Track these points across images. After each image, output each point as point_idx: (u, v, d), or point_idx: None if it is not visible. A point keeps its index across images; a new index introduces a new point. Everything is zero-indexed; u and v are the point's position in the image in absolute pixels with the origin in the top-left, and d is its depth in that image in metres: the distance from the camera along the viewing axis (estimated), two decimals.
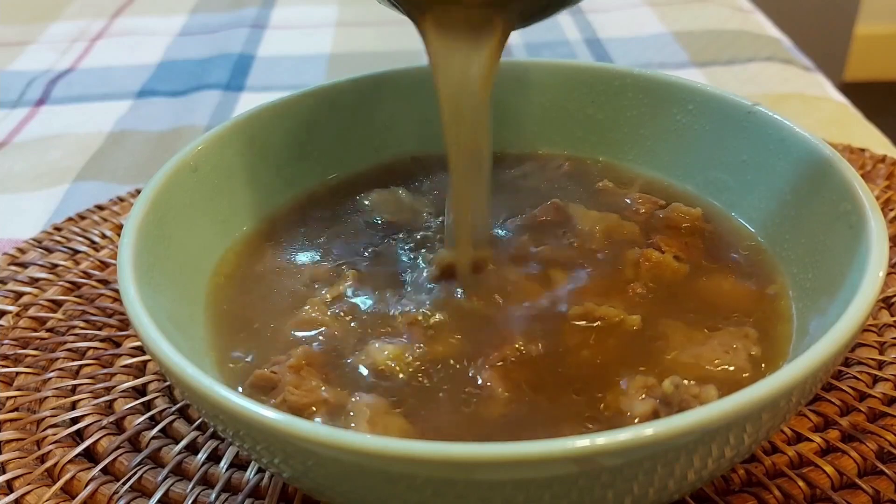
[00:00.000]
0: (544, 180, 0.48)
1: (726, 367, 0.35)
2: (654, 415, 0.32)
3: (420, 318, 0.37)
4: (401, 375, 0.35)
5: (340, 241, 0.43)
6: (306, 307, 0.38)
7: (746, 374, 0.34)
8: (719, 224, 0.43)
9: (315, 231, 0.44)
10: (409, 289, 0.40)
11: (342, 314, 0.38)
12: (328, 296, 0.39)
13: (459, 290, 0.39)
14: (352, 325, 0.38)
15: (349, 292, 0.40)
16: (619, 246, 0.42)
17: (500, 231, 0.44)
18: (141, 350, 0.45)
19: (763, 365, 0.35)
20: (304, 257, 0.42)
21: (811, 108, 0.72)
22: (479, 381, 0.34)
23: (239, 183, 0.45)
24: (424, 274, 0.40)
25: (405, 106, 0.49)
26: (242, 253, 0.43)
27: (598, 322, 0.37)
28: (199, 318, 0.38)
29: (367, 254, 0.42)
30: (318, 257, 0.42)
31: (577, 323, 0.37)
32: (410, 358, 0.36)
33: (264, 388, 0.34)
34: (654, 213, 0.44)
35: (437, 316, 0.38)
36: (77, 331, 0.47)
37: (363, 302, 0.39)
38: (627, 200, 0.46)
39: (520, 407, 0.33)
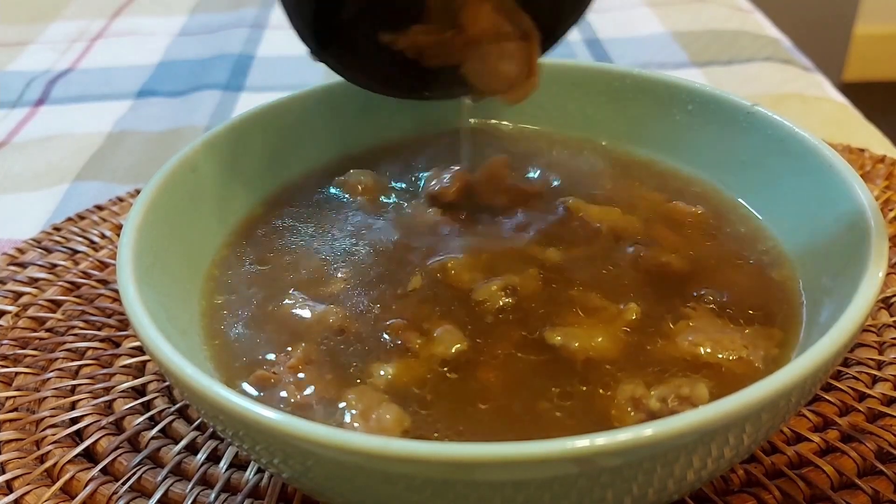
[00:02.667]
0: (544, 178, 0.48)
1: (734, 362, 0.35)
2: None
3: (418, 313, 0.37)
4: (398, 371, 0.35)
5: (340, 239, 0.43)
6: (306, 306, 0.38)
7: (749, 372, 0.34)
8: (719, 223, 0.43)
9: (315, 229, 0.44)
10: (408, 283, 0.40)
11: (342, 313, 0.38)
12: (326, 293, 0.39)
13: (461, 288, 0.39)
14: (351, 323, 0.38)
15: (347, 289, 0.40)
16: (620, 241, 0.42)
17: (501, 229, 0.44)
18: (140, 350, 0.45)
19: (766, 363, 0.35)
20: (304, 256, 0.42)
21: (811, 108, 0.72)
22: (478, 376, 0.34)
23: (238, 183, 0.45)
24: (425, 263, 0.41)
25: (405, 105, 0.49)
26: (242, 253, 0.43)
27: (599, 319, 0.37)
28: (198, 318, 0.38)
29: (367, 250, 0.42)
30: (319, 255, 0.42)
31: (579, 320, 0.37)
32: (408, 355, 0.35)
33: (264, 387, 0.34)
34: (654, 210, 0.44)
35: (436, 311, 0.38)
36: (76, 331, 0.47)
37: (362, 298, 0.39)
38: (628, 197, 0.46)
39: (516, 404, 0.33)
